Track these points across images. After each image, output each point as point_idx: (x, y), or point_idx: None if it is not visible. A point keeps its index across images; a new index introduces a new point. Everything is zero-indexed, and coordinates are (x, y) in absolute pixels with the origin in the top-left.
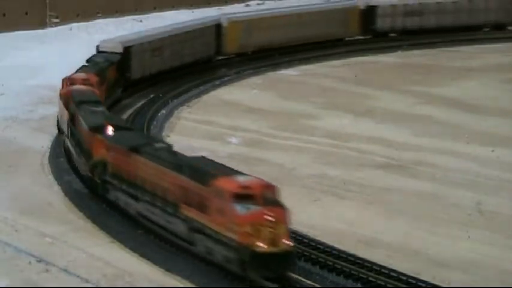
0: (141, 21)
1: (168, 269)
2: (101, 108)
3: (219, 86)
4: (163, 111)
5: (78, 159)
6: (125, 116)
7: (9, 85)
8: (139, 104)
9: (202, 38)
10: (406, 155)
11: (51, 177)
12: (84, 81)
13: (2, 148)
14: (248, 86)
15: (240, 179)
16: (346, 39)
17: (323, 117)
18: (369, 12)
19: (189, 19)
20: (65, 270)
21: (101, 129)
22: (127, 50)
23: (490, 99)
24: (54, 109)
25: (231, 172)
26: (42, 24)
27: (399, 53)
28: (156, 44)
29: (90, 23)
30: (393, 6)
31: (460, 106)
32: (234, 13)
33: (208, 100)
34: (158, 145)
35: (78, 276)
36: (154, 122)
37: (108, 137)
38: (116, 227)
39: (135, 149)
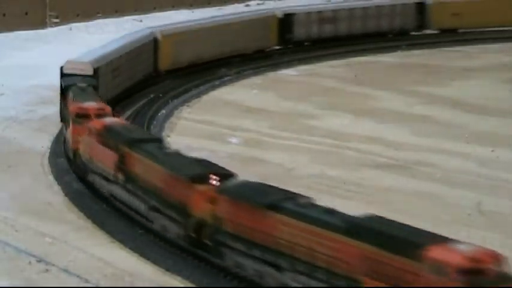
0: (141, 21)
1: (168, 269)
2: (171, 150)
3: (219, 86)
4: (163, 111)
5: (148, 212)
6: (124, 116)
7: (9, 85)
8: (139, 104)
9: (142, 55)
10: (406, 155)
11: (51, 177)
12: (100, 112)
13: (2, 148)
14: (248, 86)
15: (462, 248)
16: (267, 50)
17: (323, 117)
18: (286, 21)
19: (187, 18)
20: (65, 270)
21: (203, 179)
22: (96, 72)
23: (490, 99)
24: (54, 109)
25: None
26: (42, 24)
27: (399, 53)
28: (115, 65)
29: (90, 23)
30: (308, 13)
31: (460, 106)
32: (170, 24)
33: (208, 100)
34: (302, 200)
35: (78, 276)
36: (154, 122)
37: (223, 190)
38: (116, 227)
39: (273, 206)
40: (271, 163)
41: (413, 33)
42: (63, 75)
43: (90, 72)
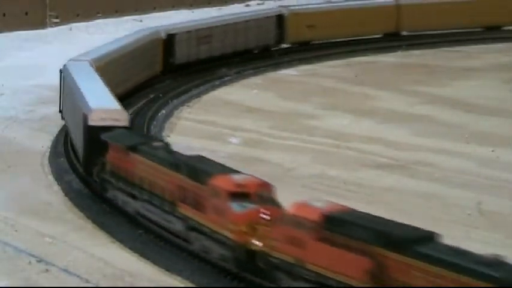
0: (141, 21)
1: (168, 269)
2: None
3: (219, 86)
4: (163, 111)
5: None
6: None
7: (9, 85)
8: (139, 104)
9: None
10: (406, 155)
11: (51, 177)
12: (263, 190)
13: (2, 148)
14: (248, 86)
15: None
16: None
17: (323, 117)
18: (169, 42)
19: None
20: (65, 270)
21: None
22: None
23: (490, 99)
24: (54, 109)
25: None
26: (42, 24)
27: (399, 53)
28: None
29: (90, 23)
30: (188, 32)
31: (460, 106)
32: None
33: (208, 100)
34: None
35: (78, 276)
36: (154, 122)
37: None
38: (116, 227)
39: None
40: (271, 163)
41: (274, 48)
42: (94, 129)
43: (127, 121)
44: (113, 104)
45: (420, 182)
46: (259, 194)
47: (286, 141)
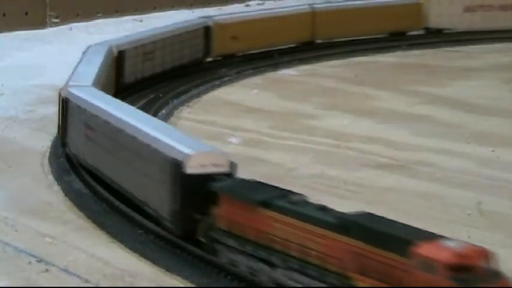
0: (141, 21)
1: (168, 269)
2: None
3: (219, 86)
4: (164, 111)
5: None
6: None
7: (9, 85)
8: (139, 104)
9: None
10: (406, 155)
11: (51, 177)
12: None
13: (2, 148)
14: (248, 86)
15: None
16: None
17: (323, 117)
18: (120, 61)
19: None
20: (65, 270)
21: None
22: None
23: (490, 99)
24: (54, 109)
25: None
26: (42, 24)
27: (399, 53)
28: None
29: (90, 23)
30: (135, 48)
31: (460, 106)
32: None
33: (208, 100)
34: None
35: (78, 276)
36: None
37: None
38: (116, 227)
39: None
40: (272, 163)
41: (205, 61)
42: (193, 178)
43: (227, 166)
44: (207, 146)
45: (420, 182)
46: (483, 265)
47: (286, 141)
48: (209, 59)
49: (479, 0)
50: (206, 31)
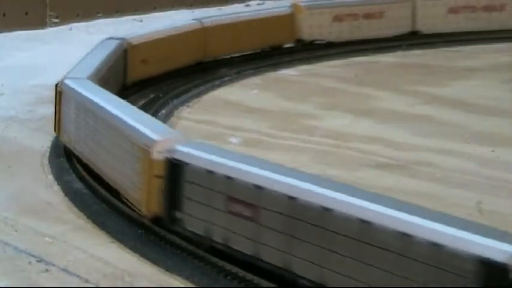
0: (141, 21)
1: (168, 269)
2: None
3: (219, 86)
4: (164, 111)
5: None
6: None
7: (9, 85)
8: (139, 104)
9: None
10: (406, 155)
11: (51, 177)
12: None
13: (2, 148)
14: (248, 86)
15: None
16: None
17: (323, 117)
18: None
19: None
20: (65, 270)
21: None
22: None
23: (490, 99)
24: (54, 109)
25: None
26: (42, 24)
27: (399, 53)
28: None
29: (90, 23)
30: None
31: (460, 106)
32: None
33: (208, 100)
34: None
35: (78, 276)
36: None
37: None
38: (116, 227)
39: None
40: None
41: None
42: None
43: None
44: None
45: (420, 182)
46: None
47: (286, 141)
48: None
49: (347, 10)
50: (124, 53)
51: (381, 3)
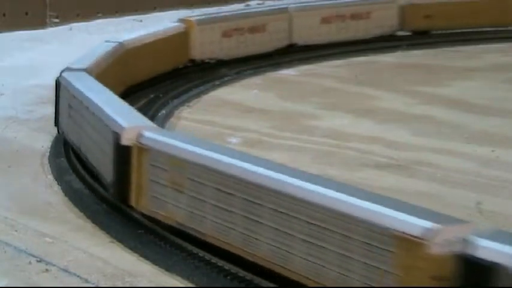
0: (141, 21)
1: (168, 269)
2: None
3: (219, 86)
4: (164, 111)
5: None
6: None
7: (9, 85)
8: (139, 104)
9: None
10: (406, 155)
11: (51, 177)
12: None
13: (2, 148)
14: (248, 86)
15: None
16: None
17: (323, 117)
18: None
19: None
20: (65, 270)
21: None
22: None
23: (490, 99)
24: (53, 109)
25: None
26: (42, 24)
27: (399, 53)
28: None
29: (90, 23)
30: None
31: (460, 106)
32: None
33: (208, 100)
34: None
35: (78, 276)
36: (155, 122)
37: None
38: (116, 227)
39: None
40: None
41: None
42: None
43: None
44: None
45: (420, 182)
46: None
47: (286, 141)
48: None
49: (234, 25)
50: None
51: (262, 15)
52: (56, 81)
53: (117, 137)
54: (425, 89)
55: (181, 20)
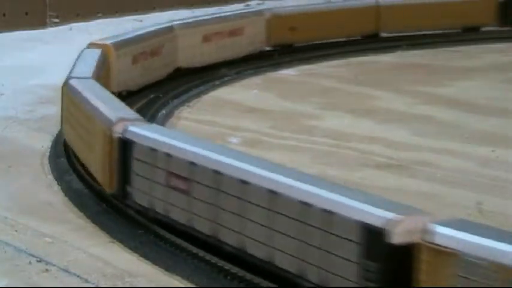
0: (141, 21)
1: (168, 269)
2: None
3: (219, 86)
4: (164, 111)
5: None
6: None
7: (9, 85)
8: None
9: None
10: (406, 155)
11: (51, 177)
12: None
13: (2, 148)
14: (248, 86)
15: None
16: None
17: (323, 117)
18: None
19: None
20: (65, 270)
21: None
22: None
23: (490, 99)
24: (54, 109)
25: None
26: (42, 24)
27: (399, 53)
28: None
29: (90, 23)
30: None
31: (460, 106)
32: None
33: (208, 100)
34: None
35: (78, 276)
36: (155, 122)
37: None
38: (115, 227)
39: None
40: None
41: None
42: None
43: None
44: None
45: (420, 182)
46: None
47: (286, 141)
48: None
49: (141, 49)
50: None
51: (159, 38)
52: None
53: None
54: (425, 89)
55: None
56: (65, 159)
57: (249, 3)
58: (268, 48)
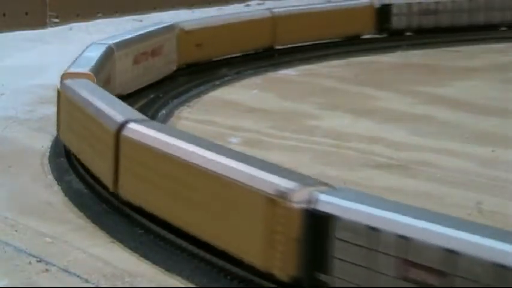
0: (141, 21)
1: (168, 269)
2: None
3: (219, 86)
4: (164, 111)
5: None
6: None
7: (9, 85)
8: (139, 105)
9: None
10: (406, 155)
11: (51, 177)
12: None
13: (2, 148)
14: (248, 86)
15: None
16: None
17: (323, 117)
18: None
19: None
20: (65, 270)
21: None
22: None
23: (490, 99)
24: (54, 109)
25: None
26: (42, 24)
27: (399, 53)
28: None
29: (90, 23)
30: None
31: (460, 106)
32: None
33: (208, 100)
34: None
35: (78, 276)
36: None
37: None
38: (116, 227)
39: None
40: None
41: None
42: None
43: None
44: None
45: (420, 182)
46: None
47: (286, 141)
48: None
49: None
50: None
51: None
52: None
53: None
54: (425, 89)
55: None
56: (65, 159)
57: (249, 3)
58: (175, 69)
